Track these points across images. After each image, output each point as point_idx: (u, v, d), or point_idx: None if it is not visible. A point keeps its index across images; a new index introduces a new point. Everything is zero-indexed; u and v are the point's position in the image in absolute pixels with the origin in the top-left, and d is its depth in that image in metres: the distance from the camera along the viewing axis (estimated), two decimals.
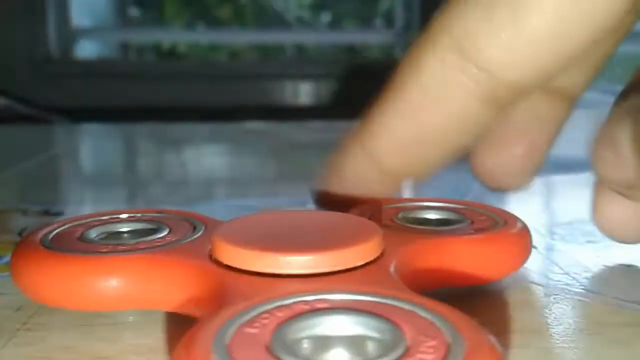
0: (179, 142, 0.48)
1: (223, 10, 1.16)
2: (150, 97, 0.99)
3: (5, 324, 0.16)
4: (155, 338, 0.15)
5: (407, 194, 0.19)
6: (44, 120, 0.84)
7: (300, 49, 1.18)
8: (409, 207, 0.19)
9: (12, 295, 0.17)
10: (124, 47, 1.18)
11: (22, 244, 0.16)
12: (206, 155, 0.44)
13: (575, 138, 0.19)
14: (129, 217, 0.17)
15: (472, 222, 0.17)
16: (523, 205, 0.31)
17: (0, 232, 0.24)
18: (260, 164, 0.41)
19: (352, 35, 1.17)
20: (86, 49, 1.10)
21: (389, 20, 1.13)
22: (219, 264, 0.14)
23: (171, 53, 1.19)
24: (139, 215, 0.18)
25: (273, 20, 1.16)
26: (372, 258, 0.14)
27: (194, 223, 0.17)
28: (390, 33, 1.11)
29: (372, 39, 1.16)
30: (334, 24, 1.18)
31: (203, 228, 0.16)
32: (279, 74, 1.04)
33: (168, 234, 0.16)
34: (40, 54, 1.00)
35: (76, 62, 1.06)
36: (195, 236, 0.16)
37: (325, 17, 1.18)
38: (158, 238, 0.16)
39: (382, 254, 0.14)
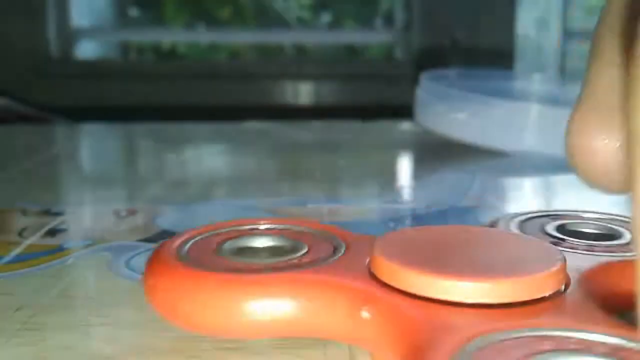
0: (179, 142, 0.48)
1: (223, 10, 1.16)
2: (150, 97, 0.98)
3: (5, 324, 0.16)
4: (155, 338, 0.15)
5: None
6: (44, 120, 0.84)
7: (300, 49, 1.18)
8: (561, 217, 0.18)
9: (12, 295, 0.17)
10: (124, 47, 1.18)
11: (159, 258, 0.14)
12: (206, 155, 0.44)
13: None
14: (266, 229, 0.16)
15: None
16: (523, 205, 0.31)
17: (0, 232, 0.24)
18: (260, 164, 0.41)
19: (352, 35, 1.17)
20: (86, 49, 1.10)
21: (389, 20, 1.13)
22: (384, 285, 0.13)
23: (171, 53, 1.19)
24: (278, 227, 0.16)
25: (273, 20, 1.16)
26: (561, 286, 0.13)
27: (332, 239, 0.15)
28: (390, 33, 1.11)
29: (372, 39, 1.16)
30: (334, 24, 1.18)
31: (343, 246, 0.15)
32: (279, 74, 1.04)
33: (307, 252, 0.15)
34: (40, 54, 1.00)
35: (76, 62, 1.05)
36: (339, 255, 0.14)
37: (325, 17, 1.18)
38: (301, 255, 0.14)
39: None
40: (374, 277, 0.13)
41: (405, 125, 0.50)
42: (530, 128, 0.37)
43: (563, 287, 0.13)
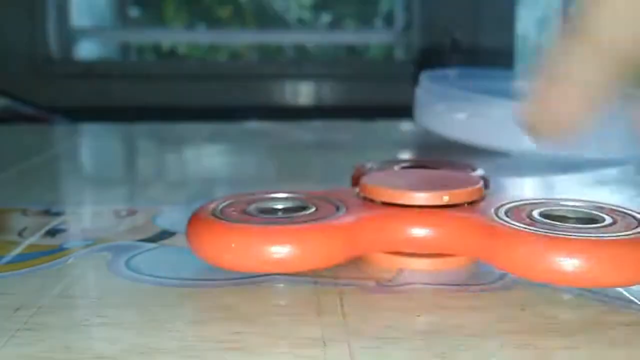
0: (179, 142, 0.48)
1: (223, 10, 1.16)
2: (150, 97, 0.98)
3: (5, 324, 0.16)
4: (155, 338, 0.15)
5: None
6: (44, 120, 0.84)
7: (300, 49, 1.18)
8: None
9: (12, 295, 0.17)
10: (124, 47, 1.17)
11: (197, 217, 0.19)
12: (206, 155, 0.44)
13: (575, 138, 0.19)
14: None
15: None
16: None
17: (0, 232, 0.24)
18: (260, 164, 0.41)
19: (352, 35, 1.17)
20: (86, 49, 1.10)
21: (389, 20, 1.13)
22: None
23: (171, 53, 1.19)
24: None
25: (273, 20, 1.16)
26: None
27: (333, 202, 0.20)
28: (390, 33, 1.11)
29: (372, 39, 1.16)
30: (334, 24, 1.18)
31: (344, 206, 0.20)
32: (279, 74, 1.04)
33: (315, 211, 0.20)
34: (40, 54, 1.00)
35: (76, 62, 1.05)
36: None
37: (325, 17, 1.18)
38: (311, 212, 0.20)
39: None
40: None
41: (405, 125, 0.50)
42: None
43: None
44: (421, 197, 0.19)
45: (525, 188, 0.34)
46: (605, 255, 0.16)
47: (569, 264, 0.16)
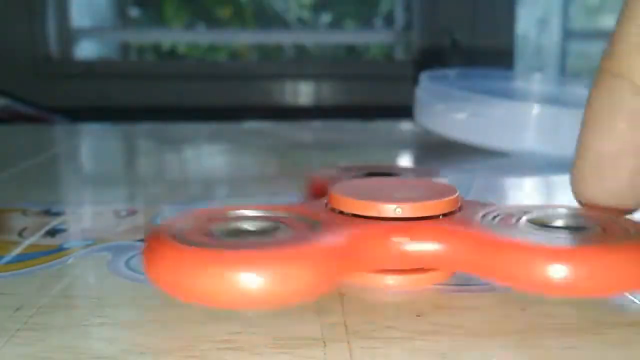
0: (179, 142, 0.48)
1: (223, 10, 1.16)
2: (150, 97, 0.99)
3: (5, 324, 0.16)
4: (155, 338, 0.15)
5: None
6: (44, 120, 0.84)
7: (300, 49, 1.18)
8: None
9: (12, 295, 0.17)
10: (124, 47, 1.18)
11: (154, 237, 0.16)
12: (206, 155, 0.44)
13: (574, 138, 0.19)
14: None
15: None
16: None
17: (0, 232, 0.24)
18: (260, 164, 0.41)
19: (352, 35, 1.17)
20: (86, 49, 1.10)
21: (389, 20, 1.13)
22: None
23: (171, 53, 1.19)
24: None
25: (273, 20, 1.16)
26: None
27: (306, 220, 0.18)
28: (390, 33, 1.11)
29: (372, 39, 1.16)
30: (334, 24, 1.18)
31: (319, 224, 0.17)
32: (279, 74, 1.04)
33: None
34: (40, 54, 1.00)
35: (76, 62, 1.05)
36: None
37: (325, 17, 1.18)
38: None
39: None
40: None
41: (405, 125, 0.50)
42: (530, 128, 0.37)
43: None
44: (420, 208, 0.17)
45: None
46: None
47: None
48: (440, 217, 0.18)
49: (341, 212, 0.18)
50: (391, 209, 0.17)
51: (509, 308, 0.16)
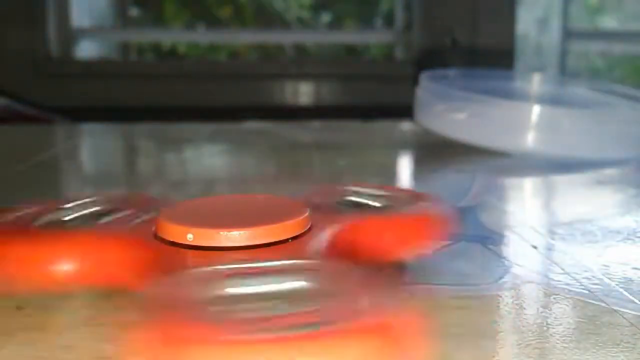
0: (179, 142, 0.48)
1: (223, 10, 1.16)
2: (150, 97, 0.98)
3: (5, 324, 0.16)
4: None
5: None
6: (44, 120, 0.84)
7: (300, 49, 1.18)
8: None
9: (12, 295, 0.17)
10: (124, 47, 1.17)
11: None
12: (206, 155, 0.44)
13: (574, 138, 0.19)
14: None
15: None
16: (523, 206, 0.31)
17: None
18: (260, 164, 0.41)
19: (352, 35, 1.17)
20: (86, 49, 1.10)
21: (389, 20, 1.12)
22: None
23: (171, 53, 1.19)
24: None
25: (273, 20, 1.16)
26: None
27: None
28: (390, 33, 1.11)
29: (372, 39, 1.16)
30: (334, 24, 1.18)
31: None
32: (279, 74, 1.04)
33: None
34: (40, 54, 1.00)
35: (76, 62, 1.05)
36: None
37: (325, 17, 1.18)
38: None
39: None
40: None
41: (405, 125, 0.50)
42: (530, 128, 0.37)
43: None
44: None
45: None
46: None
47: None
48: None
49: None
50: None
51: (509, 308, 0.16)
